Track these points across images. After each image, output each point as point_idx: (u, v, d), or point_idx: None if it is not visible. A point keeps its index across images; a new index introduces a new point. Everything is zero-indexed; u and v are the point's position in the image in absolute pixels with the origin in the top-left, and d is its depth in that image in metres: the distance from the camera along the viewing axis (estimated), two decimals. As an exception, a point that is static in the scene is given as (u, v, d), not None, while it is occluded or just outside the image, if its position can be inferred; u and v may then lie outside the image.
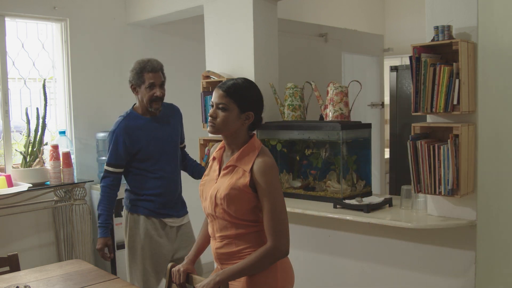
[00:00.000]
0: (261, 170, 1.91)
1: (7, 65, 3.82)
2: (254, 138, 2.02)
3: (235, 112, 1.93)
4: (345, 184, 3.07)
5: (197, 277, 2.09)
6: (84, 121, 4.20)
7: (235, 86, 1.95)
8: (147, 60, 2.91)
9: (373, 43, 5.64)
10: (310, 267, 3.20)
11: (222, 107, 1.93)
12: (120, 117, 2.92)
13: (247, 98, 1.96)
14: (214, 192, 1.97)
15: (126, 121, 2.86)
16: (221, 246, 2.00)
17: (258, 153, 1.95)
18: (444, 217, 2.57)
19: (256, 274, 1.93)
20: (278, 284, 1.97)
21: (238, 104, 1.93)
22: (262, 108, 2.03)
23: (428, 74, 2.40)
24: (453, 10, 2.50)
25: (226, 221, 1.96)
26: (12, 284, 2.26)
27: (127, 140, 2.81)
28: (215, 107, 1.95)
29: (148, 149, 2.84)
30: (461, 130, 2.37)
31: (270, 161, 1.95)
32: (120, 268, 4.06)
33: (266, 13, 3.46)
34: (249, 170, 1.92)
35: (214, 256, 2.05)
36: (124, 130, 2.83)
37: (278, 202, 1.92)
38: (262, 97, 2.03)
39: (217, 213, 1.96)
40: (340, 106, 3.14)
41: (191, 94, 4.68)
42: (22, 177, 3.72)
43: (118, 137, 2.82)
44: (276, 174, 1.96)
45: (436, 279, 2.68)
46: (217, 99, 1.95)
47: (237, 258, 1.97)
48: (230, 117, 1.93)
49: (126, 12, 4.41)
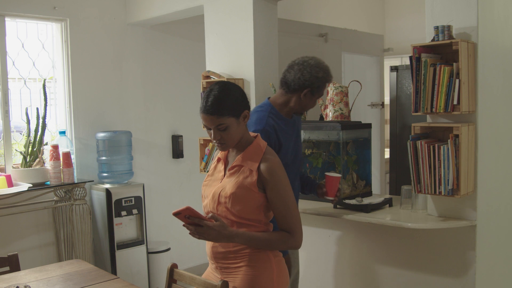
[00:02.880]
0: (270, 169, 1.93)
1: (7, 65, 3.82)
2: (259, 138, 2.03)
3: (234, 122, 1.92)
4: (345, 184, 3.07)
5: (196, 277, 2.09)
6: (84, 121, 4.21)
7: (217, 102, 1.88)
8: (330, 73, 2.50)
9: (373, 43, 5.64)
10: (310, 267, 3.20)
11: (221, 128, 1.91)
12: (261, 111, 2.44)
13: (233, 104, 1.91)
14: (218, 190, 1.97)
15: (271, 118, 2.41)
16: (218, 245, 1.99)
17: (264, 153, 1.97)
18: (444, 217, 2.57)
19: (253, 275, 1.94)
20: (274, 284, 1.98)
21: (232, 114, 1.91)
22: (247, 99, 2.00)
23: (428, 74, 2.40)
24: (453, 10, 2.50)
25: (228, 219, 1.96)
26: (12, 284, 2.26)
27: (276, 141, 2.39)
28: (214, 130, 1.91)
29: (286, 155, 2.45)
30: (461, 130, 2.37)
31: (278, 160, 1.97)
32: (120, 268, 4.07)
33: (266, 13, 3.46)
34: (256, 169, 1.93)
35: (209, 254, 2.04)
36: (274, 128, 2.39)
37: (290, 198, 1.95)
38: (243, 91, 2.00)
39: (218, 211, 1.97)
40: (340, 106, 3.14)
41: (191, 94, 4.69)
42: (22, 177, 3.72)
43: (270, 135, 2.37)
44: (284, 172, 1.98)
45: (436, 279, 2.68)
46: (210, 123, 1.90)
47: (233, 258, 1.97)
48: (233, 130, 1.93)
49: (126, 12, 4.41)
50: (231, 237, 1.89)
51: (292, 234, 1.94)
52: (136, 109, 4.54)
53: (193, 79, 4.58)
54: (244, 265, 1.96)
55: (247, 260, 1.96)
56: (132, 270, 4.15)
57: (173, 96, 4.76)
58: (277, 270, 1.99)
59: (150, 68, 4.59)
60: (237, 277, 1.96)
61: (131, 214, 4.15)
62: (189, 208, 1.82)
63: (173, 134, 4.78)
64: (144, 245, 4.25)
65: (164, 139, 4.73)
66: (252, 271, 1.95)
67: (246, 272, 1.95)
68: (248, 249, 1.95)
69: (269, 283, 1.97)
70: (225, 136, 1.92)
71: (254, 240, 1.93)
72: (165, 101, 4.71)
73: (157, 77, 4.65)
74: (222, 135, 1.92)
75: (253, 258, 1.96)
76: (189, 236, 1.94)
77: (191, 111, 4.70)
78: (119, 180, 4.17)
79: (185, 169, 4.85)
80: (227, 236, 1.88)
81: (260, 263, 1.96)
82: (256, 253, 1.96)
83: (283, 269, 2.05)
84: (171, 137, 4.77)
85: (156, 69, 4.63)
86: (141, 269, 4.22)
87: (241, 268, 1.96)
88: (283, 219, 1.94)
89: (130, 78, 4.48)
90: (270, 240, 1.94)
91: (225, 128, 1.91)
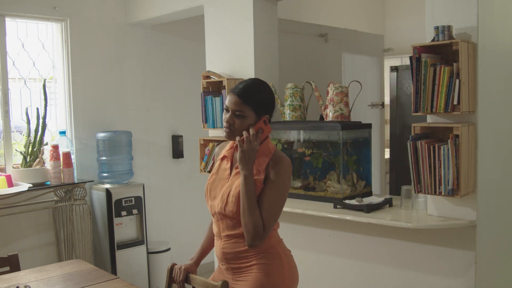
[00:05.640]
0: (276, 162, 1.94)
1: (7, 65, 3.82)
2: (269, 140, 2.03)
3: (252, 117, 1.94)
4: (345, 184, 3.07)
5: (196, 277, 2.09)
6: (84, 121, 4.21)
7: (250, 91, 1.94)
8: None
9: (373, 43, 5.64)
10: (310, 267, 3.20)
11: (240, 115, 1.93)
12: None
13: (262, 102, 1.96)
14: (226, 191, 1.98)
15: None
16: (228, 246, 2.00)
17: (274, 153, 1.98)
18: (444, 217, 2.57)
19: (264, 273, 1.95)
20: (286, 283, 1.99)
21: (255, 110, 1.94)
22: (274, 108, 2.04)
23: (428, 74, 2.40)
24: (453, 10, 2.50)
25: (236, 219, 1.96)
26: (12, 284, 2.26)
27: None
28: (232, 113, 1.94)
29: None
30: (461, 130, 2.37)
31: (288, 161, 1.98)
32: (120, 268, 4.07)
33: (266, 13, 3.46)
34: (264, 169, 1.94)
35: (219, 256, 2.04)
36: None
37: (280, 197, 1.94)
38: (274, 97, 2.04)
39: (226, 211, 1.97)
40: (340, 106, 3.14)
41: (191, 94, 4.69)
42: (22, 177, 3.72)
43: None
44: (290, 174, 1.98)
45: (436, 279, 2.68)
46: (233, 106, 1.94)
47: (244, 257, 1.97)
48: (247, 123, 1.94)
49: (126, 12, 4.41)
50: (250, 171, 1.88)
51: (263, 229, 1.91)
52: (136, 109, 4.54)
53: (193, 79, 4.57)
54: (255, 263, 1.96)
55: (258, 259, 1.96)
56: (132, 270, 4.15)
57: (173, 96, 4.76)
58: (288, 267, 2.01)
59: (150, 68, 4.60)
60: (249, 276, 1.97)
61: (131, 214, 4.15)
62: None
63: (173, 134, 4.78)
64: (144, 245, 4.25)
65: (164, 139, 4.73)
66: (264, 269, 1.96)
67: (258, 270, 1.96)
68: (257, 248, 1.96)
69: (280, 280, 1.97)
70: (238, 124, 1.93)
71: (247, 195, 1.88)
72: (165, 101, 4.71)
73: (157, 77, 4.65)
74: (236, 121, 1.93)
75: (263, 257, 1.96)
76: (189, 236, 1.95)
77: (191, 111, 4.70)
78: (119, 180, 4.17)
79: (185, 169, 4.85)
80: (249, 166, 1.88)
81: (271, 261, 1.97)
82: (266, 252, 1.97)
83: (294, 266, 2.06)
84: (171, 137, 4.77)
85: (156, 69, 4.63)
86: (141, 269, 4.22)
87: (252, 267, 1.97)
88: (262, 212, 1.90)
89: (130, 78, 4.48)
90: (252, 211, 1.88)
91: (242, 117, 1.92)
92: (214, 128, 3.45)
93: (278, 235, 2.08)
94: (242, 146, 1.90)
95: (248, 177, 1.88)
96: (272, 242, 1.99)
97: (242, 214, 1.89)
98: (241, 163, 1.90)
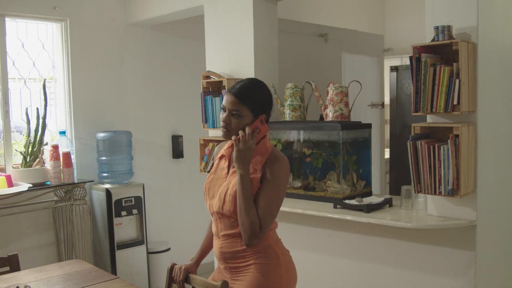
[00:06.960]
0: (273, 161, 1.94)
1: (7, 65, 3.82)
2: (266, 139, 2.03)
3: (248, 117, 1.94)
4: (345, 184, 3.07)
5: (196, 277, 2.09)
6: (84, 121, 4.21)
7: (247, 91, 1.95)
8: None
9: (373, 43, 5.64)
10: (310, 267, 3.20)
11: (236, 114, 1.94)
12: None
13: (259, 102, 1.96)
14: (224, 190, 1.98)
15: None
16: (226, 245, 2.00)
17: (271, 152, 1.98)
18: (444, 217, 2.57)
19: (262, 273, 1.95)
20: (283, 282, 1.99)
21: (252, 110, 1.94)
22: (272, 107, 2.05)
23: (428, 74, 2.40)
24: (453, 10, 2.50)
25: (234, 218, 1.96)
26: (12, 284, 2.26)
27: None
28: (228, 113, 1.95)
29: None
30: (461, 130, 2.37)
31: (286, 160, 1.98)
32: (120, 268, 4.07)
33: (266, 13, 3.46)
34: (261, 168, 1.94)
35: (217, 255, 2.05)
36: None
37: (277, 196, 1.93)
38: (272, 97, 2.04)
39: (224, 210, 1.97)
40: (340, 106, 3.14)
41: (191, 94, 4.69)
42: (22, 177, 3.72)
43: None
44: (287, 174, 1.98)
45: (436, 279, 2.68)
46: (230, 105, 1.94)
47: (241, 257, 1.98)
48: (243, 123, 1.94)
49: (126, 12, 4.41)
50: (246, 169, 1.88)
51: (260, 228, 1.90)
52: (136, 109, 4.54)
53: (193, 79, 4.57)
54: (253, 263, 1.96)
55: (255, 258, 1.96)
56: (132, 270, 4.15)
57: (173, 96, 4.76)
58: (285, 267, 2.01)
59: (150, 68, 4.60)
60: (247, 276, 1.97)
61: (131, 214, 4.15)
62: None
63: (173, 134, 4.78)
64: (144, 245, 4.25)
65: (164, 139, 4.73)
66: (261, 269, 1.96)
67: (255, 270, 1.96)
68: (255, 248, 1.96)
69: (277, 280, 1.97)
70: (234, 123, 1.94)
71: (244, 194, 1.88)
72: (165, 101, 4.71)
73: (157, 77, 4.65)
74: (232, 121, 1.94)
75: (261, 256, 1.97)
76: (189, 236, 1.95)
77: (191, 111, 4.70)
78: (119, 180, 4.17)
79: (185, 169, 4.85)
80: (245, 165, 1.89)
81: (268, 260, 1.97)
82: (264, 251, 1.97)
83: (292, 267, 2.05)
84: (171, 137, 4.77)
85: (156, 69, 4.63)
86: (141, 269, 4.22)
87: (250, 267, 1.97)
88: (259, 210, 1.89)
89: (130, 78, 4.48)
90: (248, 210, 1.87)
91: (238, 116, 1.93)
92: (214, 128, 3.45)
93: (276, 235, 2.08)
94: (237, 145, 1.91)
95: (244, 176, 1.89)
96: (269, 242, 1.99)
97: (239, 213, 1.90)
98: (237, 162, 1.90)
